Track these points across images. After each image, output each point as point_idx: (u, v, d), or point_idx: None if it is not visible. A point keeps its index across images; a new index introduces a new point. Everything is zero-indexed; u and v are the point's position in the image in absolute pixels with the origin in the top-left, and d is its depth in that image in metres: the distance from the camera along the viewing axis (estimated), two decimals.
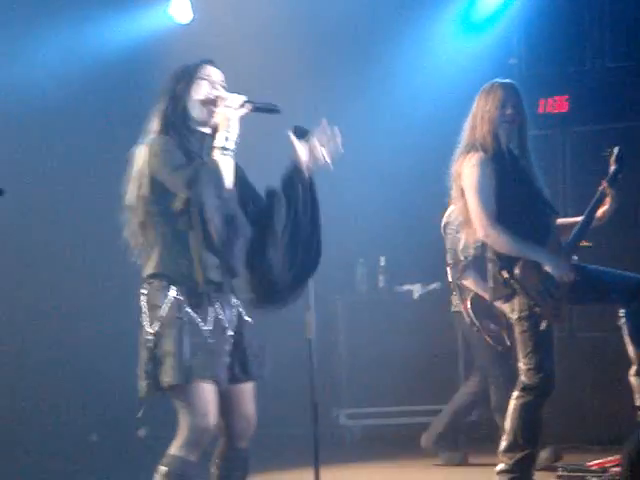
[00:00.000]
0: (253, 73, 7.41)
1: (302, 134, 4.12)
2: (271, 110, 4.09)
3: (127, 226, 4.02)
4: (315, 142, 4.07)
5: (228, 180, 3.93)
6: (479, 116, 5.06)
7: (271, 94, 4.25)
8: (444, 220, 6.31)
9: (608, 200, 5.23)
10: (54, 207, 7.77)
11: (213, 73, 4.11)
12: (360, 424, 7.67)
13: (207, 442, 3.89)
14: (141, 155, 3.97)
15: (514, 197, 4.95)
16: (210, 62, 4.14)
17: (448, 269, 6.37)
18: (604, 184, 5.21)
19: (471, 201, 4.96)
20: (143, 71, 7.46)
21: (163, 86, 4.09)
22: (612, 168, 5.27)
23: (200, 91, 4.04)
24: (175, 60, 4.27)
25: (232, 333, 3.99)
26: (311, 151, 4.08)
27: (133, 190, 3.98)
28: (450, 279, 6.40)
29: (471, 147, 5.02)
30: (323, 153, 4.07)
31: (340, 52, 8.01)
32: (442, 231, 6.34)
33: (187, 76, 4.06)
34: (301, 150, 4.07)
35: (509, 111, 5.02)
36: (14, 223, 7.49)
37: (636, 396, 5.08)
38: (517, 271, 4.88)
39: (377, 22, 7.96)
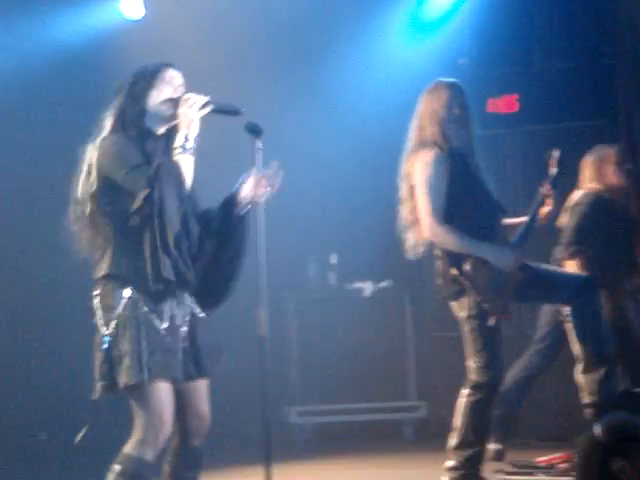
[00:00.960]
0: (204, 70, 7.38)
1: (254, 131, 4.12)
2: (232, 112, 4.10)
3: (76, 222, 3.99)
4: (260, 180, 4.08)
5: (187, 179, 3.93)
6: (426, 116, 5.07)
7: (222, 92, 4.25)
8: None
9: (549, 202, 5.32)
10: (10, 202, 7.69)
11: (175, 77, 4.09)
12: (311, 421, 7.68)
13: (163, 442, 3.88)
14: (94, 153, 3.94)
15: (463, 195, 4.98)
16: (170, 65, 4.12)
17: None
18: (546, 186, 5.28)
19: (420, 199, 4.97)
20: (94, 67, 7.41)
21: (120, 85, 4.06)
22: (553, 170, 5.34)
23: (161, 93, 4.03)
24: (127, 57, 4.28)
25: (185, 330, 3.99)
26: (255, 186, 4.08)
27: (85, 188, 3.95)
28: None
29: (422, 145, 5.04)
30: (263, 193, 4.07)
31: (291, 50, 8.01)
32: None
33: (147, 77, 4.04)
34: (247, 185, 4.09)
35: (456, 111, 5.05)
36: None
37: (584, 394, 5.14)
38: (467, 267, 4.90)
39: (328, 20, 7.97)
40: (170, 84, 4.06)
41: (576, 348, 5.13)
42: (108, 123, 4.00)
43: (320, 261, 8.01)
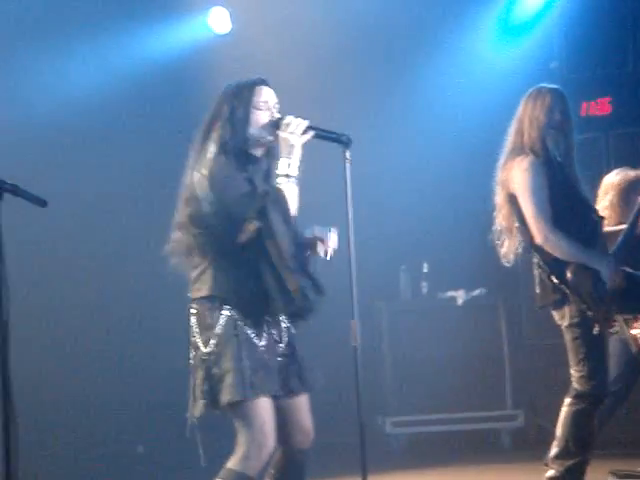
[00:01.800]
0: (291, 83, 7.42)
1: (343, 142, 4.11)
2: (336, 139, 4.07)
3: (176, 244, 4.01)
4: (326, 241, 4.05)
5: (293, 207, 3.95)
6: (526, 121, 5.00)
7: (310, 105, 4.25)
8: None
9: None
10: (98, 222, 7.79)
11: (269, 97, 4.08)
12: (406, 432, 7.63)
13: (266, 457, 3.88)
14: (200, 178, 3.93)
15: (564, 203, 4.90)
16: (264, 82, 4.11)
17: None
18: None
19: (526, 206, 4.89)
20: (184, 82, 7.50)
21: (219, 106, 4.04)
22: None
23: (260, 120, 4.01)
24: (216, 71, 4.28)
25: (283, 347, 4.00)
26: (316, 244, 4.06)
27: (189, 212, 3.95)
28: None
29: (520, 151, 4.97)
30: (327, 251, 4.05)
31: (379, 58, 8.00)
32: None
33: (246, 102, 4.01)
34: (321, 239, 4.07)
35: (557, 117, 4.98)
36: (58, 237, 7.52)
37: None
38: (569, 275, 4.82)
39: (418, 29, 7.94)
40: (266, 106, 4.04)
41: None
42: (212, 148, 3.99)
43: (412, 270, 7.97)
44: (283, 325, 4.03)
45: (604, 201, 5.75)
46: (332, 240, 4.06)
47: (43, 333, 7.39)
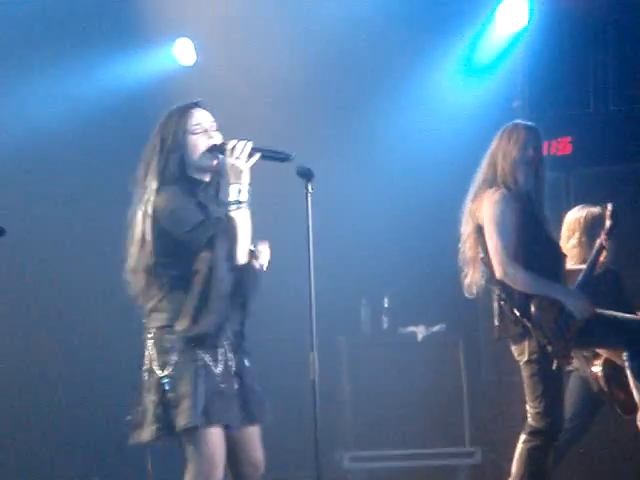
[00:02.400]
0: (255, 116, 7.43)
1: (306, 174, 4.12)
2: (282, 158, 4.04)
3: (135, 287, 3.99)
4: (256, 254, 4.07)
5: (246, 233, 3.90)
6: (500, 154, 5.06)
7: (273, 138, 4.24)
8: None
9: (605, 252, 5.38)
10: (53, 248, 7.75)
11: (203, 119, 4.03)
12: (365, 467, 7.60)
13: None
14: (147, 214, 3.90)
15: (530, 238, 4.94)
16: (196, 105, 4.06)
17: None
18: (603, 236, 5.28)
19: (491, 238, 4.93)
20: (146, 111, 7.44)
21: (152, 141, 4.01)
22: (608, 223, 5.34)
23: (197, 144, 3.98)
24: (178, 101, 4.25)
25: (238, 377, 3.97)
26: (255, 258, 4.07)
27: (139, 253, 3.93)
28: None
29: (491, 183, 5.02)
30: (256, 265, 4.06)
31: (344, 96, 8.02)
32: None
33: (176, 129, 3.97)
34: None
35: (530, 153, 5.04)
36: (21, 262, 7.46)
37: None
38: (533, 309, 4.85)
39: (379, 68, 7.98)
40: (201, 129, 3.99)
41: (636, 393, 5.05)
42: (153, 183, 3.94)
43: (373, 305, 7.97)
44: (237, 355, 4.00)
45: (573, 239, 5.79)
46: (263, 253, 4.03)
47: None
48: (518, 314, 4.88)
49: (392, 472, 7.54)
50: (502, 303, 4.97)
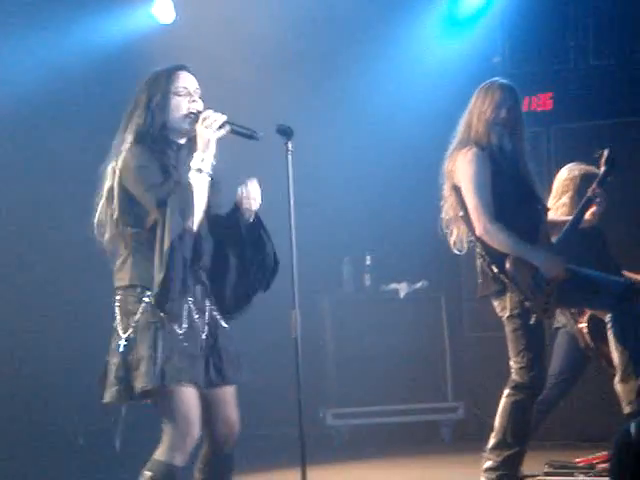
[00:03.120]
0: (235, 75, 7.40)
1: (286, 133, 4.12)
2: (249, 136, 4.03)
3: (101, 239, 4.00)
4: (247, 193, 4.05)
5: (201, 202, 3.90)
6: (475, 115, 5.06)
7: (253, 97, 4.24)
8: None
9: (598, 201, 5.30)
10: (36, 207, 7.73)
11: (189, 83, 4.05)
12: (347, 424, 7.65)
13: (191, 446, 3.87)
14: (117, 167, 3.93)
15: (506, 194, 4.95)
16: (184, 67, 4.08)
17: None
18: (593, 186, 5.27)
19: (469, 197, 4.94)
20: (126, 71, 7.40)
21: (137, 96, 4.01)
22: (602, 169, 5.32)
23: (180, 106, 4.00)
24: (158, 60, 4.24)
25: (205, 337, 3.98)
26: (245, 197, 4.06)
27: (106, 205, 3.95)
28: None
29: (466, 143, 5.02)
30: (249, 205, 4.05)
31: (324, 53, 7.99)
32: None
33: (163, 88, 3.99)
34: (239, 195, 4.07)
35: (503, 114, 5.03)
36: None
37: (623, 404, 5.10)
38: (508, 265, 4.87)
39: (361, 23, 7.95)
40: (186, 92, 4.02)
41: (615, 356, 5.09)
42: (128, 137, 3.97)
43: (355, 262, 7.99)
44: (207, 315, 4.01)
45: (565, 197, 5.78)
46: (252, 191, 4.04)
47: None
48: (496, 271, 4.91)
49: (375, 428, 7.60)
50: (482, 260, 5.00)
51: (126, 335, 3.85)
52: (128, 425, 4.06)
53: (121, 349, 3.84)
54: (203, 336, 3.95)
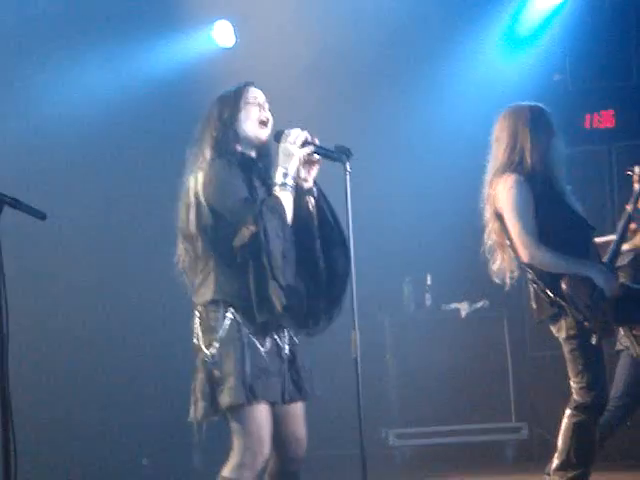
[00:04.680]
0: (294, 96, 7.44)
1: (344, 153, 4.12)
2: (332, 157, 4.07)
3: (182, 253, 4.04)
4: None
5: (288, 216, 3.94)
6: (508, 139, 5.02)
7: (312, 118, 4.26)
8: None
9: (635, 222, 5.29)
10: (98, 229, 7.82)
11: (258, 94, 4.14)
12: (409, 444, 7.63)
13: (261, 465, 3.88)
14: (198, 182, 3.96)
15: (552, 217, 4.91)
16: (252, 84, 4.18)
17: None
18: (630, 205, 5.22)
19: (512, 224, 4.92)
20: (187, 94, 7.51)
21: (209, 111, 4.11)
22: (636, 187, 5.28)
23: (250, 115, 4.08)
24: (218, 83, 4.30)
25: (287, 353, 4.01)
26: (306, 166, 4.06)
27: (190, 218, 3.98)
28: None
29: (505, 168, 4.99)
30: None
31: (385, 72, 8.00)
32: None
33: (234, 100, 4.08)
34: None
35: (538, 134, 4.99)
36: (57, 247, 7.53)
37: None
38: (564, 286, 4.83)
39: (423, 40, 7.94)
40: (255, 104, 4.09)
41: None
42: (206, 151, 4.03)
43: (416, 282, 7.97)
44: (286, 332, 4.03)
45: None
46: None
47: (41, 346, 7.37)
48: (551, 295, 4.86)
49: (437, 449, 7.56)
50: (535, 286, 4.95)
51: (210, 351, 3.88)
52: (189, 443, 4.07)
53: (205, 365, 3.87)
54: (285, 352, 3.99)
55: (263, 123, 4.09)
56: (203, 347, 3.90)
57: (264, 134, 4.09)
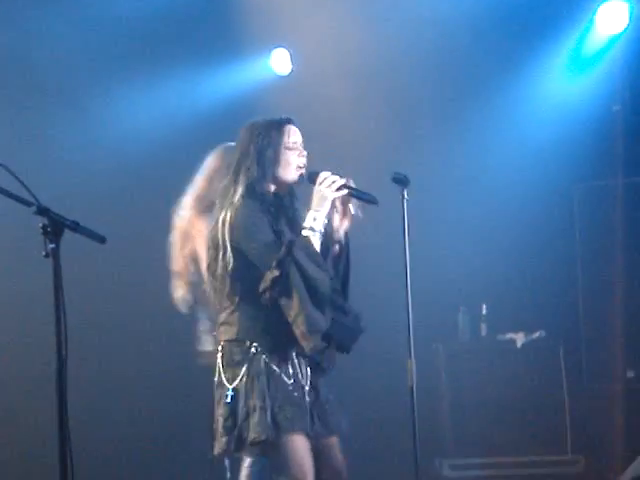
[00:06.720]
0: (350, 124, 7.44)
1: (402, 181, 4.12)
2: (368, 200, 4.06)
3: (209, 289, 4.04)
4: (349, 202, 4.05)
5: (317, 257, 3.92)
6: None
7: (369, 145, 4.27)
8: None
9: None
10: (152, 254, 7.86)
11: (298, 137, 4.10)
12: (464, 475, 7.55)
13: None
14: (226, 222, 3.96)
15: None
16: (292, 121, 4.13)
17: None
18: None
19: None
20: (245, 121, 7.54)
21: (248, 143, 4.06)
22: None
23: (290, 160, 4.05)
24: (276, 111, 4.30)
25: (308, 388, 3.98)
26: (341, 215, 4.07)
27: (218, 259, 3.98)
28: None
29: None
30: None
31: (445, 96, 7.95)
32: None
33: (275, 141, 4.04)
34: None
35: None
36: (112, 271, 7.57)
37: None
38: None
39: (484, 66, 7.89)
40: (295, 149, 4.06)
41: None
42: (239, 187, 4.00)
43: (471, 312, 7.92)
44: (308, 366, 4.01)
45: None
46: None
47: (99, 369, 7.41)
48: None
49: None
50: None
51: (233, 385, 3.87)
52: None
53: (228, 400, 3.87)
54: (306, 387, 3.96)
55: (300, 168, 4.07)
56: (225, 382, 3.90)
57: (298, 177, 4.07)
